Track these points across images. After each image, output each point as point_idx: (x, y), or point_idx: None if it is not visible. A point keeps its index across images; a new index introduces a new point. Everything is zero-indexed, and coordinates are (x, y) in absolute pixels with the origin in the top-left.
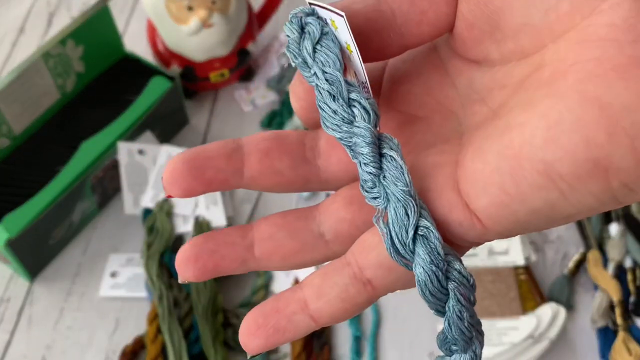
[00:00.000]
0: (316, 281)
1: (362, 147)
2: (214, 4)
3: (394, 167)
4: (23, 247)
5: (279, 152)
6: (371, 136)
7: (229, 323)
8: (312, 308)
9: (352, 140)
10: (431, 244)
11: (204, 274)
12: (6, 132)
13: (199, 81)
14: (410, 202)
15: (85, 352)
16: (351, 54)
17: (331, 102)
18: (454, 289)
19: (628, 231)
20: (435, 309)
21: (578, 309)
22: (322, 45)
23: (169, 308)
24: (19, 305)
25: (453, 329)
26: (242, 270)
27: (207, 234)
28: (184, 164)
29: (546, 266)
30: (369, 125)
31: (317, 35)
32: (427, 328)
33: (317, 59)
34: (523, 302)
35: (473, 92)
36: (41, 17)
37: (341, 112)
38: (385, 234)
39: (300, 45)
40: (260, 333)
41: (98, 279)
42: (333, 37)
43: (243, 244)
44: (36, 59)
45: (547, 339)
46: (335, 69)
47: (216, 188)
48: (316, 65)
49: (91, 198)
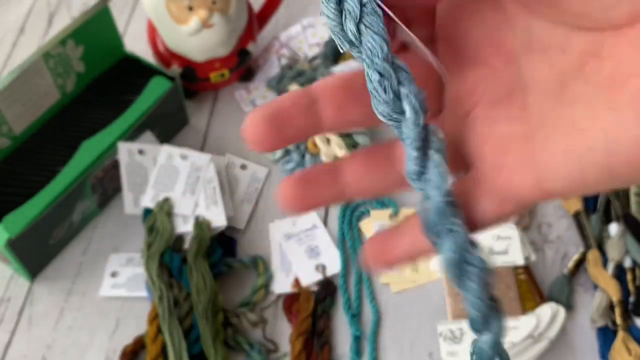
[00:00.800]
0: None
1: (408, 145)
2: (214, 4)
3: (435, 174)
4: (23, 247)
5: (352, 101)
6: (417, 138)
7: (229, 323)
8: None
9: (401, 129)
10: (457, 237)
11: (302, 211)
12: (6, 132)
13: (199, 81)
14: (445, 209)
15: (86, 352)
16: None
17: (382, 92)
18: (472, 272)
19: (627, 231)
20: (456, 284)
21: (578, 308)
22: (365, 24)
23: (169, 308)
24: (19, 305)
25: (474, 308)
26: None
27: (299, 176)
28: (265, 122)
29: (546, 266)
30: (416, 125)
31: (357, 12)
32: (427, 328)
33: (364, 44)
34: (523, 302)
35: (532, 42)
36: (41, 17)
37: (392, 104)
38: (422, 219)
39: (344, 27)
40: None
41: (98, 279)
42: (373, 6)
43: (335, 188)
44: (36, 59)
45: (547, 339)
46: (382, 58)
47: (297, 141)
48: (364, 51)
49: (91, 198)
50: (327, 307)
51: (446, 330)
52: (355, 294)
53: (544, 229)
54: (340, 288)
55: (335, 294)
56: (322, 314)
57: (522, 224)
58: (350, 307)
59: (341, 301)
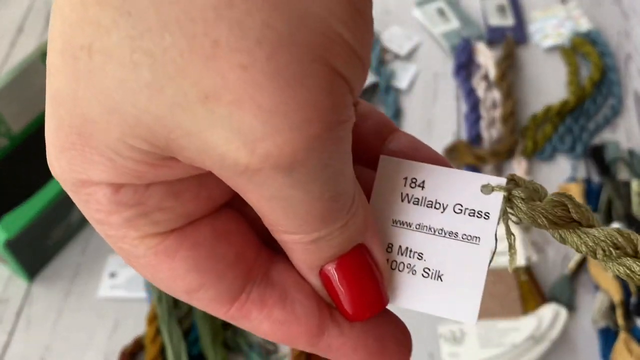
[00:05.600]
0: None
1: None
2: None
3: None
4: (22, 248)
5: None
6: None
7: (228, 324)
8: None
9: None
10: None
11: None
12: (4, 131)
13: None
14: None
15: (85, 353)
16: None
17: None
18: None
19: None
20: None
21: (579, 309)
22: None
23: (169, 309)
24: (17, 306)
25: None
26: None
27: None
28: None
29: (547, 267)
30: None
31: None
32: (427, 328)
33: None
34: (524, 302)
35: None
36: (40, 17)
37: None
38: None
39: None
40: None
41: (97, 280)
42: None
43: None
44: (35, 59)
45: (548, 340)
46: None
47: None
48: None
49: None
50: None
51: (447, 331)
52: None
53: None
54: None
55: None
56: None
57: (523, 224)
58: None
59: None
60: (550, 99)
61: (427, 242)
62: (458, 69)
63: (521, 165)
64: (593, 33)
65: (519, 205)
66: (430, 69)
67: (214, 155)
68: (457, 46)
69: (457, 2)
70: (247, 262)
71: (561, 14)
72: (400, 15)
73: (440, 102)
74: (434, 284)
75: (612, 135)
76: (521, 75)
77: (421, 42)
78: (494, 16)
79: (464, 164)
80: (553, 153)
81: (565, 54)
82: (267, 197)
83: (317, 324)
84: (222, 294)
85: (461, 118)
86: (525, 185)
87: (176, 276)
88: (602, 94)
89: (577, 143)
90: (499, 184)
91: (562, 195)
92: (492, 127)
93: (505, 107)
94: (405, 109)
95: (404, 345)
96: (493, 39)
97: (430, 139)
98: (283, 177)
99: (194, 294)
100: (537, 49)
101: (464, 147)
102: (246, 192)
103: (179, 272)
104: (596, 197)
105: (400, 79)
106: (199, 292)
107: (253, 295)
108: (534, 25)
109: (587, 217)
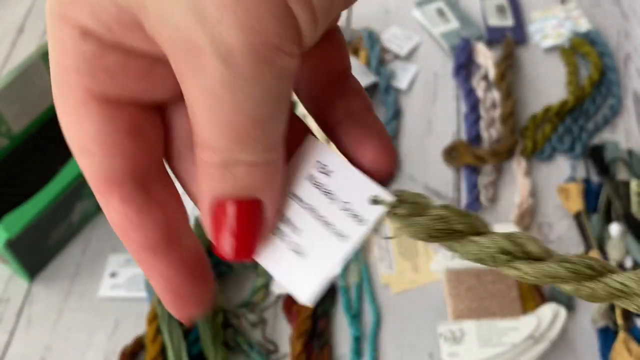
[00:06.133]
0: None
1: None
2: None
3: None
4: (22, 248)
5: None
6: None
7: (228, 323)
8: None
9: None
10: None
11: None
12: (5, 131)
13: None
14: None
15: (85, 353)
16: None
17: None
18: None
19: (628, 231)
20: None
21: (578, 309)
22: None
23: None
24: (18, 305)
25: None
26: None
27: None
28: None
29: None
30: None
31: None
32: (427, 329)
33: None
34: (523, 302)
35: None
36: (41, 17)
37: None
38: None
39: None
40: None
41: (97, 279)
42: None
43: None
44: (35, 59)
45: (548, 340)
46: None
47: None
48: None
49: (90, 198)
50: (327, 308)
51: (446, 330)
52: (356, 295)
53: (544, 229)
54: (340, 289)
55: (335, 295)
56: (322, 314)
57: (522, 224)
58: (350, 308)
59: (341, 302)
60: (549, 99)
61: (308, 222)
62: (458, 69)
63: (521, 165)
64: (592, 33)
65: (400, 221)
66: (430, 69)
67: (170, 26)
68: (457, 46)
69: (456, 3)
70: (140, 164)
71: (561, 14)
72: (400, 16)
73: (440, 102)
74: (294, 257)
75: (612, 135)
76: (521, 76)
77: (421, 43)
78: (493, 16)
79: (463, 164)
80: (552, 153)
81: (565, 54)
82: (202, 89)
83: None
84: (106, 169)
85: (461, 118)
86: (411, 200)
87: (82, 131)
88: (601, 94)
89: (577, 143)
90: (384, 199)
91: (445, 207)
92: (491, 127)
93: (505, 107)
94: (405, 109)
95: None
96: (493, 39)
97: (430, 139)
98: (220, 68)
99: (83, 158)
100: (536, 49)
101: (463, 147)
102: (187, 79)
103: (86, 129)
104: (595, 197)
105: (400, 79)
106: (88, 157)
107: (125, 190)
108: (534, 25)
109: (474, 226)
